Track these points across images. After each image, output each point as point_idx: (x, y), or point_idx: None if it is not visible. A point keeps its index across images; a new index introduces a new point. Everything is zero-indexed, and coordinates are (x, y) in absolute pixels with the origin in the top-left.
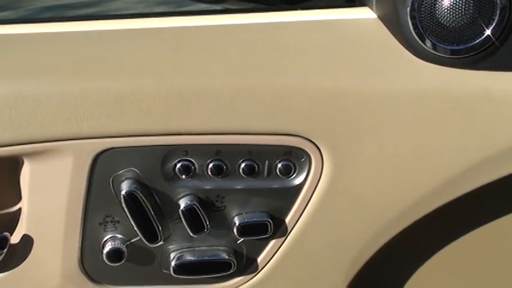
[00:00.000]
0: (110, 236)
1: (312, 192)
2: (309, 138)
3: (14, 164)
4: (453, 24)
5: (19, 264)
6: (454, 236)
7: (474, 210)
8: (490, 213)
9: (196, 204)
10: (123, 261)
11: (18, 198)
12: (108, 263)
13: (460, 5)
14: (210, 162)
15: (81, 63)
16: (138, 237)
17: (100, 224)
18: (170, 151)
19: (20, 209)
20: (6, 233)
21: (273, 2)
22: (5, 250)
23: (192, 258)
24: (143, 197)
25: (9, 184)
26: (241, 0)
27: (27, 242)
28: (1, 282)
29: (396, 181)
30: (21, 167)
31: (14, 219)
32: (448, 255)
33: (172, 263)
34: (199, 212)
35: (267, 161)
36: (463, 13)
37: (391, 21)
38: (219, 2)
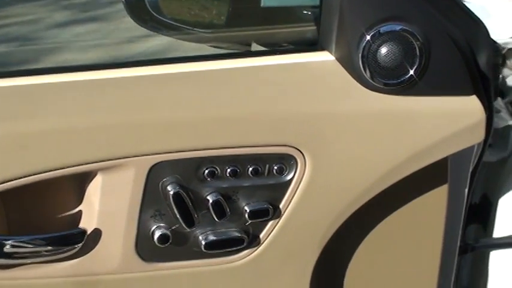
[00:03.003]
0: (157, 225)
1: (298, 185)
2: (296, 147)
3: (83, 177)
4: (388, 66)
5: (90, 251)
6: (391, 210)
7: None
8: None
9: (221, 198)
10: (169, 243)
11: (80, 202)
12: (159, 245)
13: (392, 53)
14: (228, 167)
15: (136, 104)
16: (178, 225)
17: (151, 217)
18: (201, 161)
19: (80, 210)
20: (84, 228)
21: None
22: (83, 242)
23: (216, 238)
24: (185, 195)
25: (75, 192)
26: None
27: (97, 234)
28: (76, 265)
29: (352, 175)
30: (92, 178)
31: (76, 218)
32: (386, 226)
33: (202, 242)
34: (223, 204)
35: (267, 165)
36: (394, 58)
37: (347, 62)
38: None
